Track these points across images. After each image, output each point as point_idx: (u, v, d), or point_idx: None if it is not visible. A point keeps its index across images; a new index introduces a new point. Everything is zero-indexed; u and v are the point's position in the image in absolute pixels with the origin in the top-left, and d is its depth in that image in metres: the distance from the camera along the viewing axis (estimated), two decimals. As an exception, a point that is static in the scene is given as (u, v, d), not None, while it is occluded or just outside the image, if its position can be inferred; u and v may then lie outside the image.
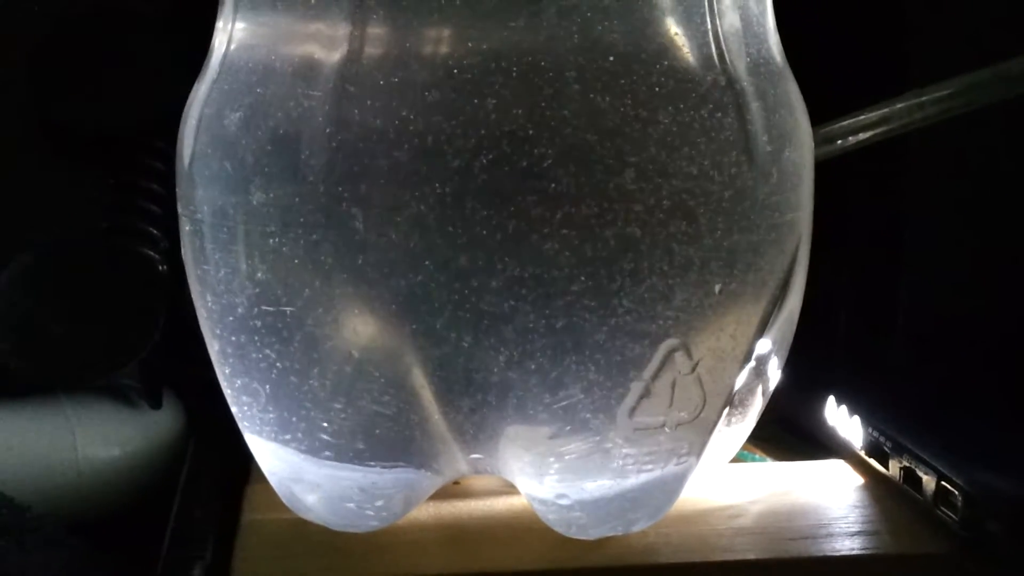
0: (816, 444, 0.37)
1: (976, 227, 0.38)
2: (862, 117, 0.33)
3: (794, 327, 0.29)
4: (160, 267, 0.39)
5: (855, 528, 0.31)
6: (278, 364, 0.26)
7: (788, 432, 0.39)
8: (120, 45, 0.40)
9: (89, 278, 0.37)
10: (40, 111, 0.40)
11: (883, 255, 0.40)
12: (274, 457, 0.28)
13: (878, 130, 0.33)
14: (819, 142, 0.32)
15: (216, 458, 0.36)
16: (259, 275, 0.25)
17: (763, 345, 0.28)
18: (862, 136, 0.33)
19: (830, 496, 0.33)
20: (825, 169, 0.31)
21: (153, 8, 0.40)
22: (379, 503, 0.28)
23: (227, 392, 0.28)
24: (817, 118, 0.30)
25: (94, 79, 0.40)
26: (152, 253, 0.39)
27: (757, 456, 0.37)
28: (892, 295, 0.39)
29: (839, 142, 0.33)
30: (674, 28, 0.25)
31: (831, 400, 0.36)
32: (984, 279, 0.38)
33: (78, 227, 0.40)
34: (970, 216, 0.38)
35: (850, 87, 0.36)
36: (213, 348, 0.28)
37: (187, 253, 0.28)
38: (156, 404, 0.39)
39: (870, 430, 0.34)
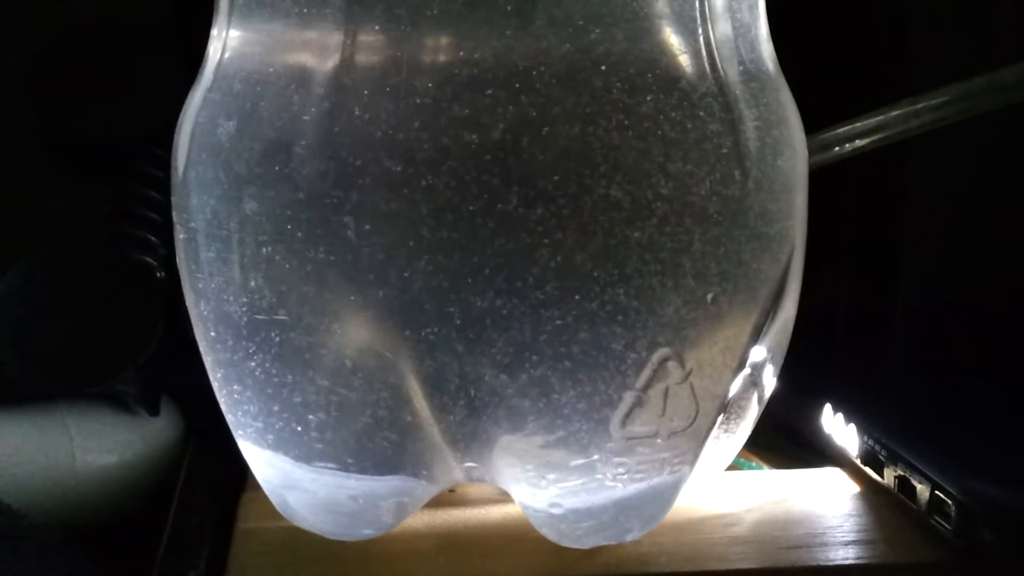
0: (813, 451, 0.37)
1: (974, 235, 0.38)
2: (858, 125, 0.33)
3: (789, 335, 0.29)
4: (158, 274, 0.39)
5: (850, 537, 0.30)
6: (271, 372, 0.26)
7: (785, 439, 0.38)
8: (120, 54, 0.40)
9: (88, 285, 0.37)
10: (40, 119, 0.40)
11: (880, 263, 0.40)
12: (268, 465, 0.28)
13: (874, 138, 0.33)
14: (814, 150, 0.32)
15: (213, 466, 0.36)
16: (252, 283, 0.25)
17: (758, 353, 0.28)
18: (858, 144, 0.33)
19: (825, 505, 0.33)
20: (823, 177, 0.31)
21: (153, 17, 0.40)
22: (373, 511, 0.28)
23: (221, 399, 0.28)
24: (812, 126, 0.30)
25: (94, 88, 0.40)
26: (150, 260, 0.39)
27: (754, 463, 0.37)
28: (889, 303, 0.39)
29: (835, 149, 0.33)
30: (666, 36, 0.25)
31: (828, 408, 0.36)
32: (981, 288, 0.38)
33: (77, 234, 0.40)
34: (968, 224, 0.38)
35: (845, 95, 0.36)
36: (206, 356, 0.28)
37: (181, 261, 0.28)
38: (154, 411, 0.39)
39: (866, 438, 0.34)
